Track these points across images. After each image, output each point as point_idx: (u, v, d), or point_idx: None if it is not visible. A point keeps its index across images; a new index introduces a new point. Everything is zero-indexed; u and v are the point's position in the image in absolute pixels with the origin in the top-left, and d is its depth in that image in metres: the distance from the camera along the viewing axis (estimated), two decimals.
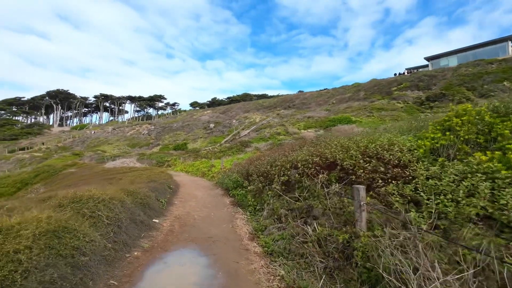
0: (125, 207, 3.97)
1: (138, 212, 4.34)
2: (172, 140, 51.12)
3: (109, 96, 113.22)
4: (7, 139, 72.43)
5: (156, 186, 6.94)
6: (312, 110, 49.12)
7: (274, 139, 30.15)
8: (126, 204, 4.06)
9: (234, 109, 70.93)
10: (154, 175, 9.36)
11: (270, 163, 6.29)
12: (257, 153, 23.45)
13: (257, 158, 8.99)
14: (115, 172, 12.45)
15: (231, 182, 8.08)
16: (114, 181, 9.42)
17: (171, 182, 9.13)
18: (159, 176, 9.44)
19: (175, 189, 8.82)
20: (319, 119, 36.33)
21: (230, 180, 8.18)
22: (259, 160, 7.84)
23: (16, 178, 25.65)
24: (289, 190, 5.21)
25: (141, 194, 5.06)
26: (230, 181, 8.23)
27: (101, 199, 3.58)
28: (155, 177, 8.62)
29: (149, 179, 7.90)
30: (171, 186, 8.48)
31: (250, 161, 9.40)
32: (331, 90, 63.94)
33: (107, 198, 3.70)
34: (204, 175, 14.89)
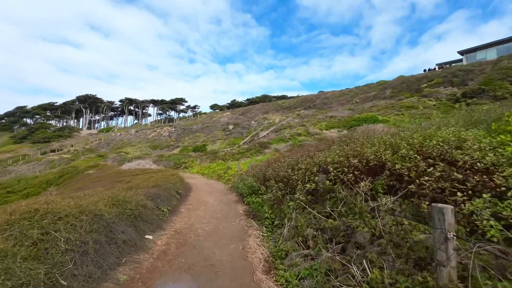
0: (102, 224, 3.03)
1: (124, 228, 3.40)
2: (191, 142, 51.28)
3: (133, 100, 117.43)
4: (41, 141, 77.07)
5: (158, 192, 6.04)
6: (334, 109, 46.99)
7: (294, 140, 28.76)
8: (104, 219, 3.13)
9: (253, 110, 70.17)
10: (163, 178, 8.54)
11: (291, 166, 5.13)
12: (276, 155, 22.24)
13: (275, 160, 7.85)
14: (127, 174, 11.90)
15: (245, 188, 7.02)
16: (121, 184, 8.72)
17: (181, 187, 8.25)
18: (168, 179, 8.61)
19: (184, 194, 7.93)
20: (342, 119, 34.35)
21: (245, 185, 7.12)
22: (278, 162, 6.69)
23: (43, 178, 26.47)
24: (316, 201, 4.03)
25: (133, 204, 4.13)
26: (244, 186, 7.17)
27: (63, 215, 2.68)
28: (162, 181, 7.78)
29: (155, 183, 7.06)
30: (180, 191, 7.59)
31: (267, 163, 8.28)
32: (354, 89, 61.14)
33: (74, 213, 2.79)
34: (219, 177, 13.99)
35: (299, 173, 4.52)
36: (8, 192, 23.72)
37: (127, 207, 3.92)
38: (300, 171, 4.53)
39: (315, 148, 6.58)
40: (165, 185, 6.97)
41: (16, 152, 66.75)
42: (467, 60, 49.47)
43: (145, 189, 5.93)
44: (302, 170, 4.52)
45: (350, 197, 3.33)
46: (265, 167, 7.53)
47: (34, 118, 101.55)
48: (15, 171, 46.69)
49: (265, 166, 7.77)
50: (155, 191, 5.96)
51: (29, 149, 69.22)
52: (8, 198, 22.80)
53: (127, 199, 4.15)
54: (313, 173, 4.36)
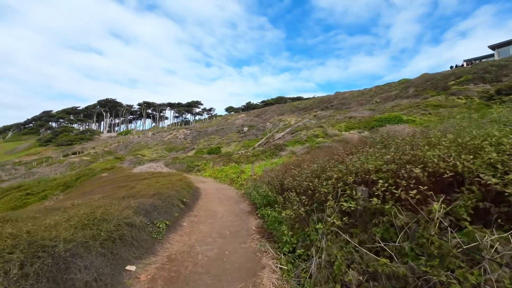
0: (47, 262, 2.11)
1: (90, 262, 2.48)
2: (206, 144, 51.03)
3: (151, 103, 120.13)
4: (64, 144, 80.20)
5: (157, 202, 5.14)
6: (353, 110, 44.98)
7: (311, 142, 27.40)
8: (56, 252, 2.22)
9: (268, 112, 69.20)
10: (169, 184, 7.70)
11: (316, 173, 4.04)
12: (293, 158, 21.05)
13: (295, 164, 6.76)
14: (135, 179, 11.23)
15: (259, 197, 5.98)
16: (121, 190, 7.97)
17: (187, 194, 7.36)
18: (174, 185, 7.75)
19: (190, 203, 7.01)
20: (362, 119, 32.51)
21: (259, 194, 6.09)
22: (297, 167, 5.60)
23: (61, 181, 26.81)
24: (355, 223, 2.93)
25: (112, 223, 3.22)
26: (258, 195, 6.14)
27: None
28: (167, 187, 6.93)
29: (157, 191, 6.20)
30: (185, 199, 6.68)
31: (285, 168, 7.20)
32: (373, 88, 58.56)
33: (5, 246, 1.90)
34: (232, 182, 13.04)
35: (329, 185, 3.42)
36: (28, 194, 24.12)
37: (103, 228, 3.02)
38: (330, 182, 3.44)
39: (344, 151, 5.43)
40: (168, 193, 6.09)
41: (41, 155, 69.73)
42: (499, 55, 45.85)
43: (142, 199, 5.05)
44: (332, 180, 3.42)
45: (415, 224, 2.21)
46: (282, 173, 6.45)
47: (59, 122, 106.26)
48: (39, 172, 48.46)
49: (282, 171, 6.70)
50: (153, 201, 5.07)
51: (53, 152, 72.09)
52: (27, 200, 23.14)
53: (106, 217, 3.26)
54: (348, 185, 3.26)
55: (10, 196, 24.21)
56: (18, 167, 55.53)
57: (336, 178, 3.44)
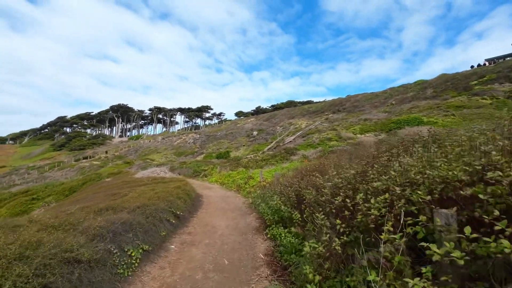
0: None
1: None
2: (215, 149, 50.21)
3: (162, 108, 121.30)
4: (77, 149, 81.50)
5: (137, 219, 3.97)
6: (366, 112, 43.10)
7: (324, 145, 25.90)
8: None
9: (278, 115, 67.99)
10: (164, 192, 6.56)
11: (352, 183, 2.75)
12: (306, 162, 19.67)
13: (315, 169, 5.46)
14: (133, 185, 10.20)
15: (269, 211, 4.72)
16: (114, 197, 6.90)
17: (182, 205, 6.18)
18: (170, 193, 6.61)
19: (186, 216, 5.83)
20: (378, 122, 30.73)
21: (269, 207, 4.83)
22: (320, 173, 4.32)
23: (67, 185, 26.36)
24: (417, 260, 1.62)
25: (36, 263, 2.05)
26: (268, 208, 4.88)
27: None
28: (161, 196, 5.79)
29: (144, 202, 5.05)
30: (179, 212, 5.50)
31: (300, 173, 5.92)
32: (388, 90, 56.41)
33: None
34: (239, 189, 11.81)
35: (380, 202, 2.14)
36: (33, 199, 23.71)
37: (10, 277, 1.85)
38: (380, 198, 2.15)
39: (378, 151, 4.12)
40: (157, 204, 4.93)
41: (54, 159, 70.91)
42: None
43: (119, 215, 3.90)
44: (386, 196, 2.14)
45: None
46: (298, 180, 5.18)
47: (72, 127, 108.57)
48: (50, 177, 48.83)
49: (298, 178, 5.42)
50: (132, 217, 3.92)
51: (66, 156, 73.15)
52: (33, 205, 22.65)
53: (29, 252, 2.10)
54: (416, 204, 1.98)
55: (16, 201, 23.87)
56: (31, 172, 56.36)
57: (390, 191, 2.15)
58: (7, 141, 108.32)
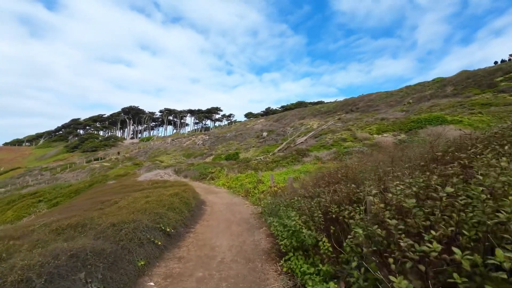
0: None
1: None
2: (224, 150, 49.36)
3: (172, 110, 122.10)
4: (89, 150, 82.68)
5: (99, 247, 2.86)
6: (382, 112, 41.14)
7: (338, 147, 24.39)
8: None
9: (288, 116, 66.58)
10: (156, 202, 5.47)
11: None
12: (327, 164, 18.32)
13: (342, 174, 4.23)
14: (130, 189, 9.24)
15: (285, 232, 3.51)
16: (101, 207, 5.88)
17: (176, 218, 5.06)
18: (165, 201, 5.51)
19: (180, 233, 4.70)
20: (396, 121, 28.88)
21: (284, 227, 3.62)
22: (354, 180, 3.08)
23: (74, 187, 25.98)
24: None
25: None
26: (283, 227, 3.67)
27: None
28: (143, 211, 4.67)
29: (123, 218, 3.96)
30: (169, 229, 4.38)
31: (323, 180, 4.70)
32: (404, 89, 54.04)
33: None
34: (248, 194, 10.64)
35: None
36: (39, 201, 23.36)
37: None
38: None
39: (431, 150, 2.85)
40: (137, 220, 3.83)
41: (67, 160, 72.02)
42: None
43: (80, 242, 2.81)
44: None
45: None
46: (322, 188, 3.95)
47: (86, 129, 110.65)
48: (62, 178, 49.26)
49: (321, 185, 4.18)
50: (93, 243, 2.82)
51: (78, 158, 74.19)
52: (38, 208, 22.22)
53: None
54: None
55: (23, 203, 23.59)
56: (44, 173, 57.21)
57: None
58: (23, 143, 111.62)
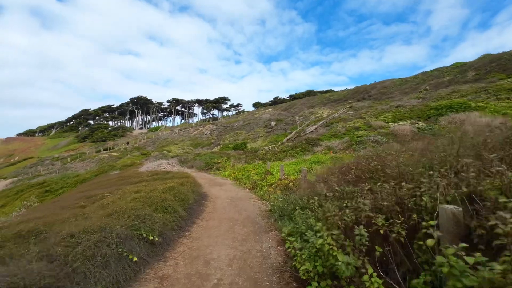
0: None
1: None
2: (232, 140, 48.55)
3: (180, 100, 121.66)
4: (99, 140, 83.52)
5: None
6: (396, 99, 39.09)
7: (351, 136, 23.04)
8: None
9: (297, 105, 64.85)
10: (144, 199, 4.54)
11: None
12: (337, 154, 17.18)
13: (375, 166, 3.13)
14: (126, 182, 8.43)
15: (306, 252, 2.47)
16: (85, 203, 5.03)
17: (167, 220, 4.14)
18: (154, 198, 4.59)
19: (170, 239, 3.77)
20: (414, 108, 27.11)
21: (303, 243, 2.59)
22: (403, 176, 1.94)
23: (80, 177, 25.74)
24: None
25: None
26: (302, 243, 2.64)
27: None
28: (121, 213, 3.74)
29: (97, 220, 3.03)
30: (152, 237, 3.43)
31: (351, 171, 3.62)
32: (420, 75, 51.36)
33: None
34: (255, 187, 9.68)
35: None
36: (46, 191, 23.20)
37: None
38: None
39: None
40: (105, 230, 2.90)
41: (77, 150, 72.97)
42: None
43: None
44: None
45: None
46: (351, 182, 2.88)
47: (95, 120, 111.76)
48: (72, 168, 49.74)
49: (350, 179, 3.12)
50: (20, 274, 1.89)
51: (88, 148, 75.00)
52: (45, 198, 22.03)
53: None
54: None
55: (30, 192, 23.49)
56: (55, 163, 58.02)
57: None
58: (36, 133, 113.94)
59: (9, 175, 54.28)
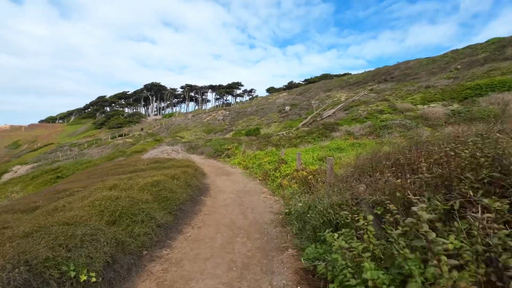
0: None
1: None
2: (245, 125, 47.20)
3: (193, 86, 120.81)
4: (115, 127, 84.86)
5: None
6: (423, 80, 35.79)
7: (374, 120, 20.92)
8: None
9: (313, 89, 62.01)
10: (107, 204, 3.25)
11: None
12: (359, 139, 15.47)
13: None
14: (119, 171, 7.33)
15: None
16: (56, 198, 3.81)
17: (135, 232, 2.83)
18: (120, 202, 3.29)
19: (125, 270, 2.45)
20: (446, 89, 24.32)
21: None
22: None
23: (92, 163, 25.52)
24: None
25: None
26: None
27: None
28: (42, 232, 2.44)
29: None
30: (92, 273, 2.14)
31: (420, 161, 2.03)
32: (449, 53, 46.91)
33: None
34: (266, 178, 8.29)
35: None
36: (58, 177, 23.11)
37: None
38: None
39: None
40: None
41: (94, 137, 74.49)
42: None
43: None
44: None
45: None
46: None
47: (111, 106, 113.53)
48: (88, 153, 50.61)
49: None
50: None
51: (105, 134, 76.37)
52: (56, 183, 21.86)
53: None
54: None
55: (43, 178, 23.51)
56: (73, 148, 59.42)
57: None
58: (56, 120, 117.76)
59: (31, 160, 56.17)
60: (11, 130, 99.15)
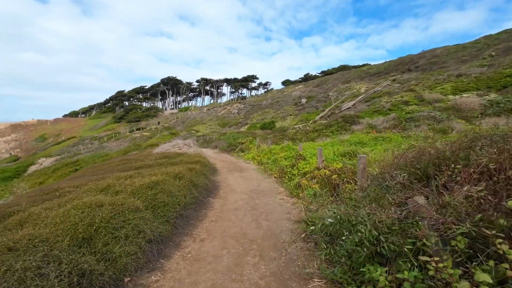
0: None
1: None
2: (260, 119, 46.39)
3: (209, 80, 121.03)
4: (133, 121, 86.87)
5: None
6: (451, 69, 33.13)
7: (399, 112, 19.39)
8: None
9: (330, 80, 59.85)
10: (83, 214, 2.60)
11: None
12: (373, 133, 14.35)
13: None
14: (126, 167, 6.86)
15: None
16: (28, 206, 3.24)
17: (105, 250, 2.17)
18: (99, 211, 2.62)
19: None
20: (481, 77, 22.13)
21: None
22: None
23: (108, 156, 25.83)
24: None
25: None
26: None
27: None
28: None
29: None
30: None
31: None
32: (481, 39, 43.27)
33: None
34: (282, 175, 7.50)
35: None
36: (76, 170, 23.54)
37: None
38: None
39: None
40: None
41: (114, 130, 76.58)
42: None
43: None
44: None
45: None
46: None
47: (130, 101, 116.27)
48: (108, 146, 52.00)
49: None
50: None
51: (124, 128, 78.28)
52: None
53: None
54: None
55: (61, 171, 24.08)
56: (94, 142, 61.33)
57: None
58: (79, 114, 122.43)
59: (55, 153, 58.63)
60: (38, 124, 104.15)
